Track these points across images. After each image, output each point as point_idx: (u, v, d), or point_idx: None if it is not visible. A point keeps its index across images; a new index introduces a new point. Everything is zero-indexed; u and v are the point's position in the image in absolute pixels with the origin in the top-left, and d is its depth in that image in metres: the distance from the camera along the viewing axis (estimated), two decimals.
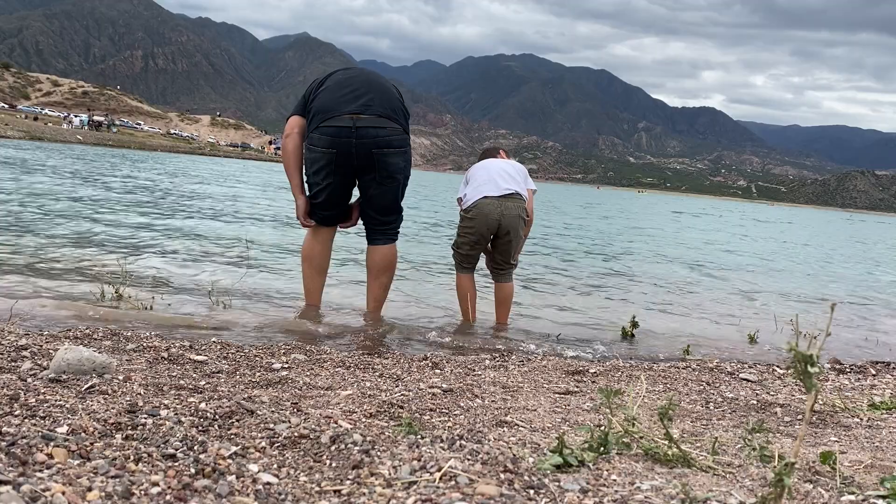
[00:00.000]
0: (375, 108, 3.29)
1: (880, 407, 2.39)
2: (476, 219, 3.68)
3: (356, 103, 3.28)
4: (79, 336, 2.47)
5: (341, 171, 3.36)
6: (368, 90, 3.35)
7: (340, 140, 3.25)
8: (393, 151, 3.33)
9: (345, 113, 3.26)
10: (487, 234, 3.73)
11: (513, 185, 3.73)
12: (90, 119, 67.84)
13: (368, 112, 3.27)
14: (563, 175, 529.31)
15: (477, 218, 3.68)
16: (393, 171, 3.38)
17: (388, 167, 3.35)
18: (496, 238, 3.77)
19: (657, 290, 6.27)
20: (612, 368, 2.86)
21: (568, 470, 1.30)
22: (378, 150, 3.28)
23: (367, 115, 3.26)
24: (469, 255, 3.83)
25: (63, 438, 1.24)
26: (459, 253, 3.85)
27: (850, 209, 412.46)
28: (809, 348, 1.11)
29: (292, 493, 1.13)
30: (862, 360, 3.68)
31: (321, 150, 3.30)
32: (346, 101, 3.30)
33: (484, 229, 3.70)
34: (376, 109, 3.29)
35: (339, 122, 3.25)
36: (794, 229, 29.21)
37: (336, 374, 2.30)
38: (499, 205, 3.66)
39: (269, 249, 6.35)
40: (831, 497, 1.25)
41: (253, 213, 10.33)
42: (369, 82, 3.41)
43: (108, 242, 5.80)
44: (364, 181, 3.43)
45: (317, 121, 3.32)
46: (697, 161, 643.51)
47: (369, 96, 3.31)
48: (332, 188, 3.43)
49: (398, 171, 3.41)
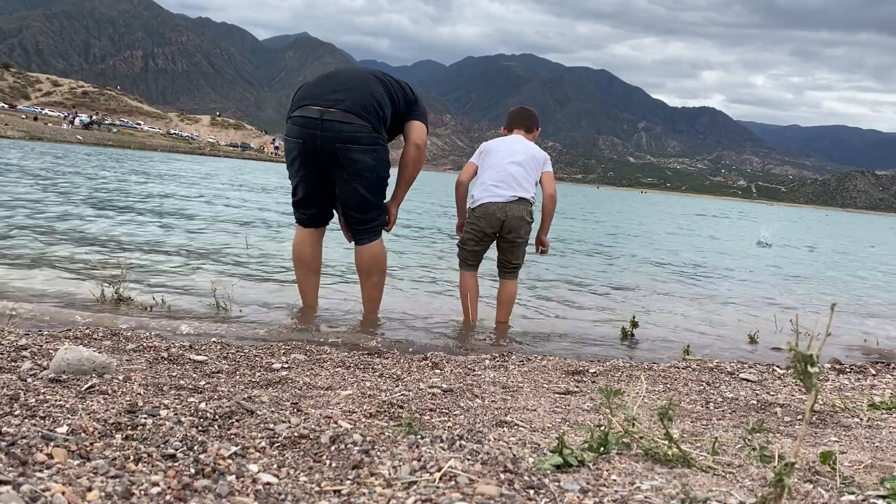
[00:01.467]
0: (346, 103, 3.30)
1: (880, 407, 2.39)
2: (482, 218, 3.82)
3: (328, 97, 3.32)
4: (79, 336, 2.47)
5: (309, 163, 3.39)
6: (345, 86, 3.37)
7: (307, 131, 3.30)
8: (358, 148, 3.31)
9: (314, 104, 3.30)
10: (491, 232, 3.85)
11: (519, 190, 3.80)
12: (75, 117, 67.80)
13: (337, 107, 3.29)
14: (563, 175, 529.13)
15: (483, 217, 3.82)
16: (360, 168, 3.35)
17: (355, 164, 3.33)
18: (500, 238, 3.88)
19: (658, 290, 6.27)
20: (612, 368, 2.86)
21: (568, 470, 1.30)
22: (342, 144, 3.28)
23: (335, 108, 3.28)
24: (474, 251, 3.93)
25: (63, 438, 1.24)
26: (465, 250, 3.95)
27: (850, 209, 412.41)
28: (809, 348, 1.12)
29: (292, 493, 1.13)
30: (862, 360, 3.68)
31: (292, 139, 3.38)
32: (319, 93, 3.35)
33: (488, 228, 3.83)
34: (346, 105, 3.30)
35: (308, 113, 3.30)
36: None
37: (336, 374, 2.30)
38: (503, 206, 3.78)
39: (269, 249, 6.35)
40: (831, 497, 1.25)
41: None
42: (350, 79, 3.43)
43: (108, 242, 5.80)
44: (334, 177, 3.44)
45: (290, 110, 3.43)
46: (697, 161, 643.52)
47: (344, 92, 3.33)
48: (306, 182, 3.47)
49: (366, 168, 3.37)
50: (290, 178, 3.53)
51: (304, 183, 3.47)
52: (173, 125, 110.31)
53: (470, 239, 3.90)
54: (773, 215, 52.13)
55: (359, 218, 3.53)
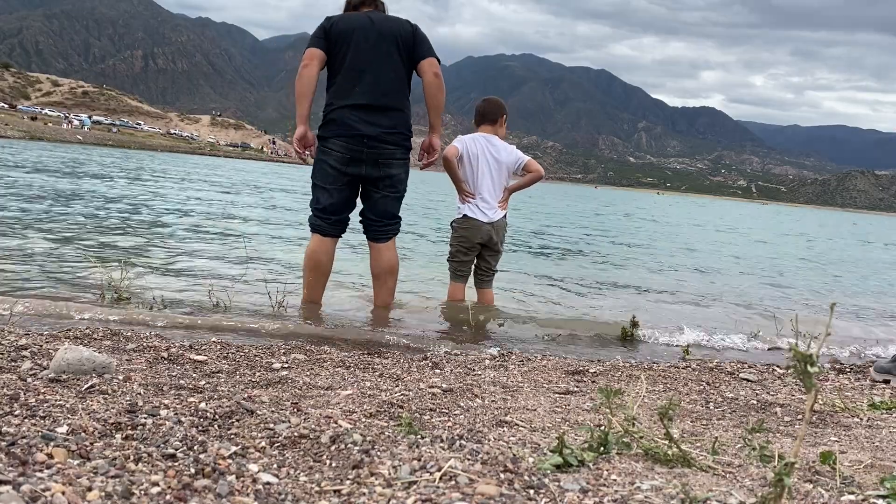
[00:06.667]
0: (386, 125, 3.51)
1: (880, 407, 2.39)
2: (470, 229, 4.03)
3: (372, 118, 3.45)
4: (79, 336, 2.47)
5: (347, 176, 3.55)
6: (385, 100, 3.48)
7: (352, 146, 3.47)
8: (396, 162, 3.56)
9: (359, 122, 3.45)
10: (478, 242, 4.06)
11: (499, 211, 4.07)
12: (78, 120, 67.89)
13: (382, 126, 3.48)
14: (563, 175, 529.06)
15: (471, 229, 4.03)
16: (395, 181, 3.61)
17: (392, 178, 3.60)
18: (485, 247, 4.09)
19: (657, 290, 6.27)
20: (612, 368, 2.86)
21: (568, 470, 1.30)
22: (385, 160, 3.56)
23: (380, 130, 3.48)
24: (464, 261, 4.12)
25: (63, 438, 1.24)
26: (454, 262, 4.13)
27: (850, 209, 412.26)
28: (810, 348, 1.11)
29: (292, 493, 1.13)
30: (862, 360, 3.68)
31: (337, 152, 3.50)
32: (363, 104, 3.46)
33: (476, 238, 4.04)
34: (387, 128, 3.51)
35: (353, 131, 3.46)
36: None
37: (336, 374, 2.30)
38: (491, 223, 4.04)
39: (268, 249, 6.35)
40: (831, 497, 1.25)
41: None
42: (386, 81, 3.48)
43: (106, 241, 5.80)
44: (367, 187, 3.62)
45: (331, 110, 3.50)
46: (697, 161, 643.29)
47: (382, 112, 3.47)
48: (339, 191, 3.58)
49: (400, 181, 3.64)
50: (319, 187, 3.56)
51: (337, 192, 3.54)
52: (173, 125, 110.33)
53: (458, 251, 4.08)
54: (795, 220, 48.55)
55: (383, 222, 3.64)
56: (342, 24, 3.44)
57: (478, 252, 4.10)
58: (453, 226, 4.13)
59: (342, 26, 3.43)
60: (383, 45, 3.42)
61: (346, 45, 3.41)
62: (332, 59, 3.44)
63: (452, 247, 4.10)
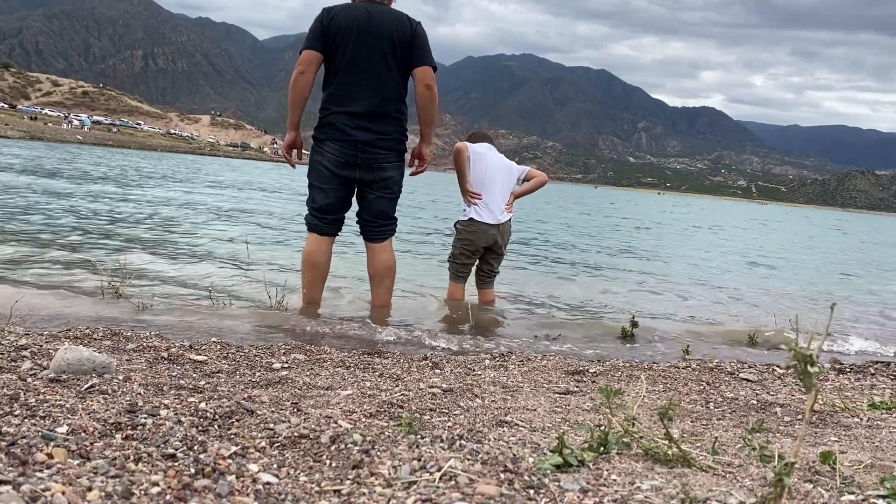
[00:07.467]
0: (381, 131, 3.51)
1: (880, 407, 2.39)
2: (476, 233, 4.07)
3: (369, 124, 3.46)
4: (79, 336, 2.47)
5: (342, 177, 3.55)
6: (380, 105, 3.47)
7: (347, 150, 3.49)
8: (390, 165, 3.58)
9: (355, 127, 3.47)
10: (483, 246, 4.10)
11: (506, 213, 4.12)
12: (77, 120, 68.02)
13: (377, 132, 3.49)
14: (563, 175, 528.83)
15: (476, 233, 4.06)
16: (389, 183, 3.63)
17: (386, 180, 3.62)
18: (489, 250, 4.13)
19: (658, 290, 6.27)
20: (612, 368, 2.86)
21: (568, 470, 1.30)
22: (378, 165, 3.56)
23: (375, 136, 3.49)
24: (466, 264, 4.15)
25: (63, 438, 1.24)
26: (456, 263, 4.16)
27: (851, 209, 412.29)
28: (810, 347, 1.11)
29: (292, 493, 1.13)
30: (862, 360, 3.68)
31: (331, 155, 3.51)
32: (357, 111, 3.47)
33: (481, 242, 4.08)
34: (381, 134, 3.51)
35: (348, 137, 3.48)
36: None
37: (336, 374, 2.30)
38: (498, 227, 4.08)
39: (269, 249, 6.35)
40: (831, 497, 1.25)
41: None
42: (381, 84, 3.47)
43: (105, 241, 5.80)
44: (363, 188, 3.64)
45: (327, 114, 3.50)
46: (697, 161, 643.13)
47: (377, 118, 3.48)
48: (334, 191, 3.58)
49: (395, 182, 3.65)
50: (315, 187, 3.57)
51: (333, 192, 3.54)
52: (173, 125, 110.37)
53: (461, 253, 4.12)
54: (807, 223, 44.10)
55: (378, 223, 3.64)
56: (340, 19, 3.38)
57: (481, 255, 4.14)
58: (457, 227, 4.15)
59: (340, 22, 3.37)
60: (380, 47, 3.37)
61: (344, 45, 3.37)
62: (329, 56, 3.41)
63: (455, 248, 4.13)
